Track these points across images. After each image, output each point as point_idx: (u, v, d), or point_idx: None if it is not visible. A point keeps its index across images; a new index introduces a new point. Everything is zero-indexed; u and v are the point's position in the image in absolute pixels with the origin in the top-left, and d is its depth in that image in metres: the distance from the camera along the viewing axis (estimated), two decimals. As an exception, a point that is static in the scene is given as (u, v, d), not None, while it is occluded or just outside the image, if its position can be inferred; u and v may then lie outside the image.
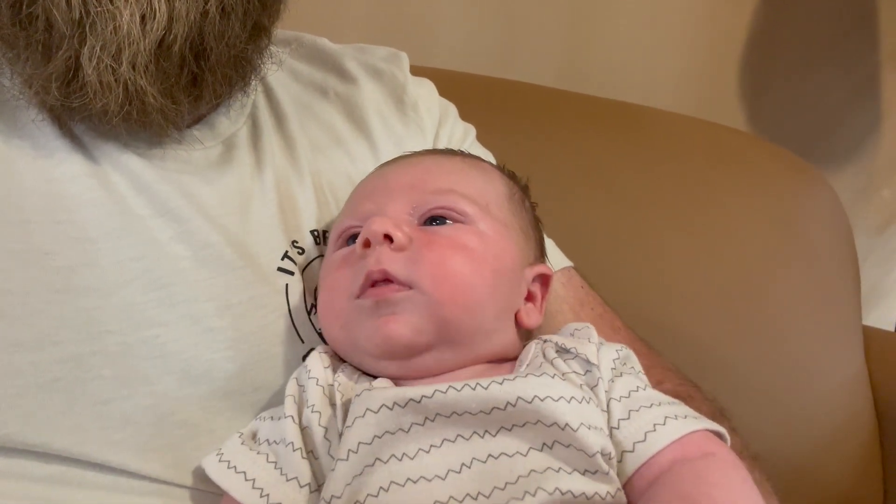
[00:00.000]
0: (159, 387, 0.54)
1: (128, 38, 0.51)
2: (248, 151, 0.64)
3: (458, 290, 0.52)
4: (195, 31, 0.53)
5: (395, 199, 0.56)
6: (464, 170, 0.60)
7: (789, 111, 1.44)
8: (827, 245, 1.02)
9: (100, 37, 0.51)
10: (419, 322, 0.52)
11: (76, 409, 0.52)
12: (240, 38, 0.56)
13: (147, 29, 0.51)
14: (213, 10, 0.53)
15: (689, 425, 0.49)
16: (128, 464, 0.52)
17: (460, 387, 0.48)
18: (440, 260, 0.53)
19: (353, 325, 0.53)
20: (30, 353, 0.52)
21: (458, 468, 0.46)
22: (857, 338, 0.99)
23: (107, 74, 0.51)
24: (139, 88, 0.52)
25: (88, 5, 0.50)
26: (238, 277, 0.57)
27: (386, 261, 0.52)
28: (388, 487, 0.46)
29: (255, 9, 0.57)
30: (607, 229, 0.96)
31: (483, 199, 0.57)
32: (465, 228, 0.55)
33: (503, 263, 0.56)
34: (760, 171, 1.04)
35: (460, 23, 1.20)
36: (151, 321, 0.54)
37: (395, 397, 0.48)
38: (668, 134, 1.05)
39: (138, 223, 0.56)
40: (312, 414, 0.50)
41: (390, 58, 0.75)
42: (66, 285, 0.53)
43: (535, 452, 0.47)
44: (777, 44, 1.40)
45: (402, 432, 0.47)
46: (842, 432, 0.95)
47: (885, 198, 1.56)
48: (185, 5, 0.52)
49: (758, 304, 0.96)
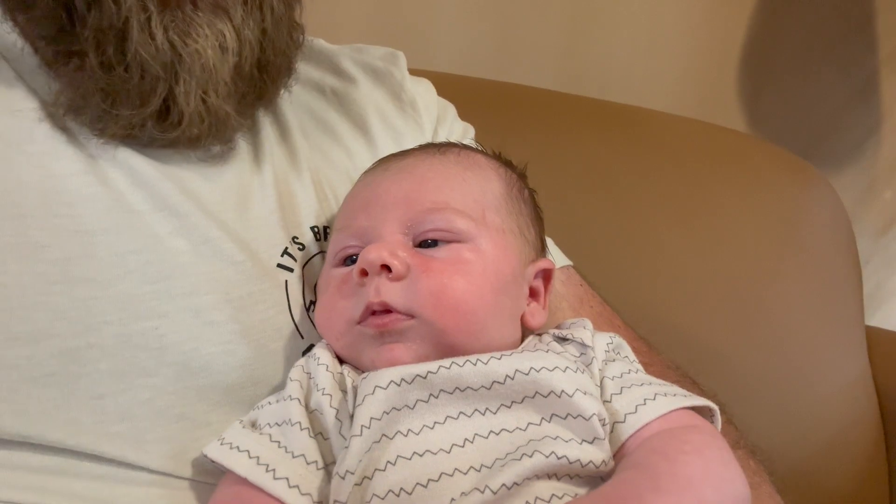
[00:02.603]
0: (157, 380, 0.53)
1: (214, 71, 0.56)
2: (247, 148, 0.64)
3: (460, 316, 0.53)
4: (258, 50, 0.58)
5: (389, 216, 0.56)
6: (458, 174, 0.59)
7: (789, 113, 1.45)
8: (829, 246, 1.02)
9: (191, 73, 0.55)
10: (423, 349, 0.53)
11: (71, 402, 0.52)
12: (287, 44, 0.61)
13: (225, 58, 0.56)
14: (270, 26, 0.58)
15: (677, 402, 0.51)
16: (125, 455, 0.52)
17: (462, 362, 0.50)
18: (439, 288, 0.53)
19: (356, 347, 0.54)
20: (25, 347, 0.52)
21: (461, 443, 0.48)
22: (860, 338, 0.99)
23: (200, 106, 0.56)
24: (224, 114, 0.57)
25: (175, 45, 0.54)
26: (238, 272, 0.57)
27: (385, 292, 0.53)
28: (396, 461, 0.47)
29: (290, 9, 0.61)
30: (608, 231, 0.96)
31: (479, 209, 0.57)
32: (461, 248, 0.55)
33: (503, 277, 0.56)
34: (762, 172, 1.04)
35: (458, 26, 1.21)
36: (150, 312, 0.54)
37: (403, 373, 0.50)
38: (669, 136, 1.05)
39: (137, 218, 0.56)
40: (323, 396, 0.51)
41: (388, 57, 0.75)
42: (62, 277, 0.53)
43: (533, 427, 0.49)
44: (776, 46, 1.40)
45: (408, 409, 0.49)
46: (846, 433, 0.95)
47: (887, 200, 1.56)
48: (250, 29, 0.57)
49: (760, 305, 0.96)
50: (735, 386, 0.89)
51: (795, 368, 0.95)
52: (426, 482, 0.47)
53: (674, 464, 0.46)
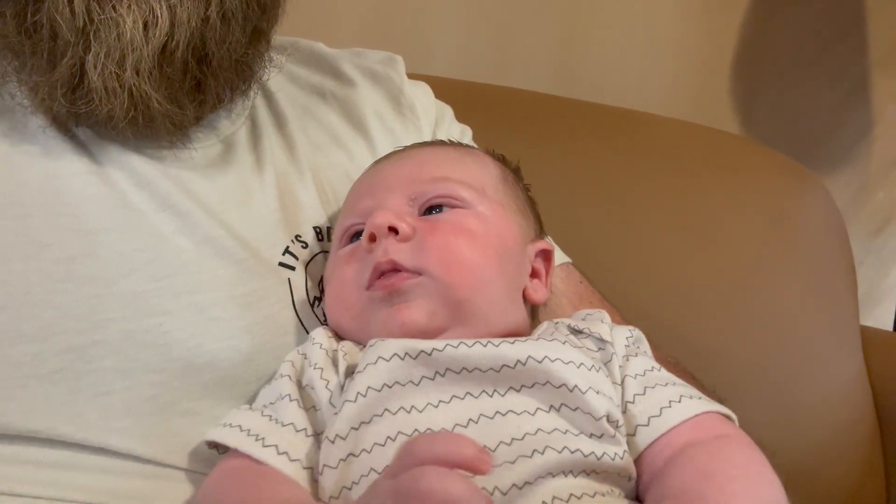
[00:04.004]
0: (163, 375, 0.54)
1: (131, 45, 0.52)
2: (247, 150, 0.64)
3: (466, 271, 0.54)
4: (197, 37, 0.55)
5: (394, 192, 0.57)
6: (456, 157, 0.61)
7: (782, 116, 1.45)
8: (823, 246, 1.03)
9: (104, 43, 0.52)
10: (432, 306, 0.53)
11: (78, 399, 0.52)
12: (240, 43, 0.57)
13: (150, 35, 0.53)
14: (214, 16, 0.55)
15: (703, 405, 0.50)
16: (132, 449, 0.52)
17: (471, 343, 0.50)
18: (445, 244, 0.54)
19: (365, 315, 0.54)
20: (31, 345, 0.52)
21: (465, 422, 0.47)
22: (856, 337, 1.00)
23: (111, 80, 0.53)
24: (144, 94, 0.54)
25: (92, 13, 0.52)
26: (242, 269, 0.58)
27: (393, 251, 0.54)
28: (396, 437, 0.47)
29: (255, 14, 0.58)
30: (603, 233, 0.96)
31: (478, 183, 0.58)
32: (464, 213, 0.57)
33: (506, 242, 0.57)
34: (756, 174, 1.05)
35: (454, 30, 1.21)
36: (154, 309, 0.54)
37: (407, 348, 0.49)
38: (664, 138, 1.06)
39: (140, 217, 0.57)
40: (314, 370, 0.52)
41: (386, 61, 0.76)
42: (67, 275, 0.54)
43: (542, 413, 0.48)
44: (769, 49, 1.41)
45: (412, 384, 0.49)
46: (843, 431, 0.95)
47: (880, 201, 1.57)
48: (187, 12, 0.54)
49: (755, 305, 0.96)
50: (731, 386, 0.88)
51: (791, 368, 0.95)
52: None
53: (723, 493, 0.44)
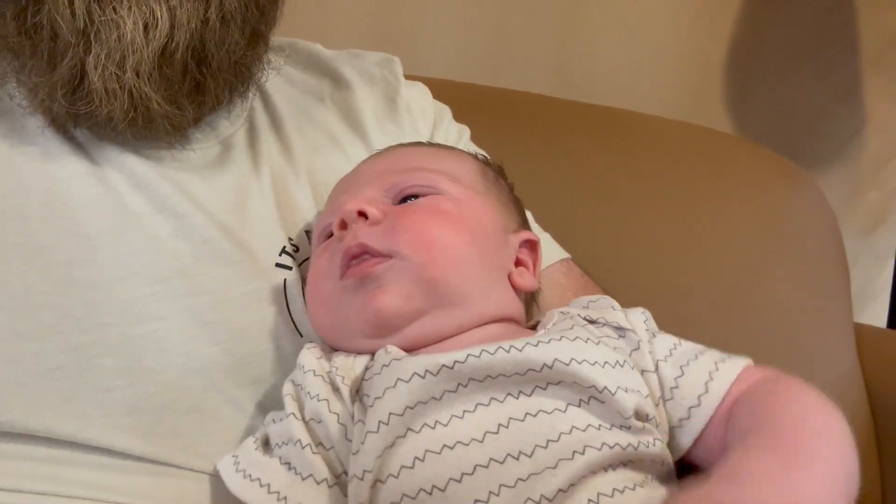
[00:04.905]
0: (162, 377, 0.54)
1: (131, 46, 0.53)
2: (245, 151, 0.65)
3: (437, 249, 0.52)
4: (196, 39, 0.55)
5: (368, 185, 0.57)
6: (432, 152, 0.61)
7: (774, 115, 1.46)
8: (816, 244, 1.03)
9: (104, 45, 0.53)
10: (406, 288, 0.51)
11: (79, 396, 0.52)
12: (239, 45, 0.58)
13: (150, 37, 0.53)
14: (214, 18, 0.55)
15: (738, 365, 0.50)
16: (134, 447, 0.52)
17: (493, 350, 0.47)
18: (415, 225, 0.53)
19: (340, 307, 0.53)
20: (32, 343, 0.52)
21: (495, 429, 0.45)
22: (849, 334, 1.00)
23: (112, 82, 0.53)
24: (144, 95, 0.54)
25: (93, 14, 0.52)
26: (237, 271, 0.58)
27: (362, 235, 0.53)
28: (424, 457, 0.44)
29: (254, 16, 0.59)
30: (598, 232, 0.96)
31: (455, 174, 0.58)
32: (439, 198, 0.55)
33: (482, 224, 0.56)
34: (749, 173, 1.05)
35: (450, 32, 1.22)
36: (150, 315, 0.55)
37: (428, 365, 0.47)
38: (657, 138, 1.06)
39: (137, 220, 0.57)
40: (319, 403, 0.49)
41: (384, 62, 0.76)
42: (66, 278, 0.54)
43: (573, 408, 0.46)
44: (761, 50, 1.42)
45: (434, 400, 0.46)
46: (837, 427, 0.96)
47: (872, 200, 1.57)
48: (187, 14, 0.54)
49: (750, 303, 0.96)
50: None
51: (786, 365, 0.93)
52: (460, 476, 0.43)
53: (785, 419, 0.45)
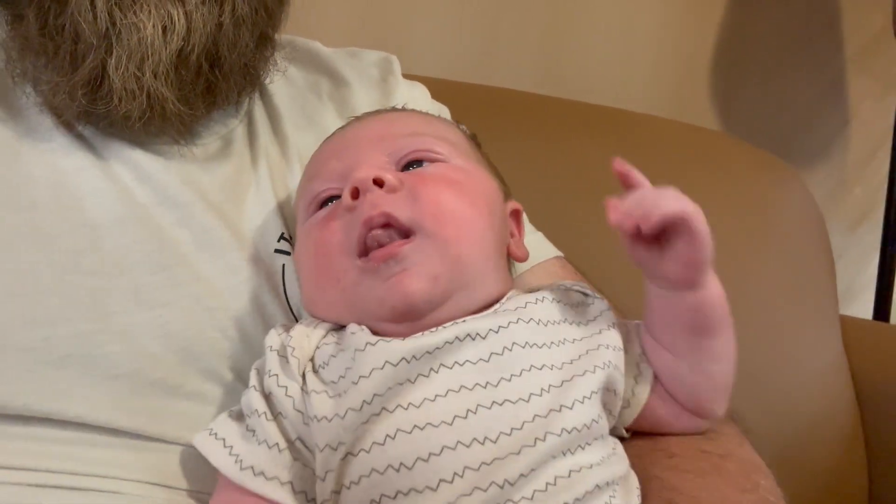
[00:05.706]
0: (166, 362, 0.56)
1: (151, 49, 0.54)
2: (244, 146, 0.66)
3: (462, 224, 0.52)
4: (211, 42, 0.57)
5: (368, 150, 0.55)
6: (423, 118, 0.61)
7: (759, 113, 1.47)
8: (802, 239, 1.05)
9: (125, 47, 0.54)
10: (433, 269, 0.50)
11: (88, 381, 0.54)
12: (249, 48, 0.60)
13: (168, 39, 0.55)
14: (228, 22, 0.57)
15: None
16: (143, 429, 0.54)
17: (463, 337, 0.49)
18: (437, 197, 0.52)
19: (358, 289, 0.51)
20: (42, 329, 0.54)
21: (464, 414, 0.47)
22: (835, 326, 1.01)
23: (131, 82, 0.55)
24: (160, 95, 0.56)
25: (114, 17, 0.54)
26: (236, 258, 0.59)
27: (383, 203, 0.51)
28: (395, 435, 0.46)
29: (263, 19, 0.60)
30: (587, 230, 0.97)
31: (452, 139, 0.58)
32: (446, 166, 0.55)
33: (490, 195, 0.56)
34: (736, 169, 1.06)
35: (441, 31, 1.22)
36: (154, 302, 0.56)
37: (414, 350, 0.49)
38: (645, 135, 1.07)
39: (141, 211, 0.58)
40: (270, 378, 0.50)
41: (382, 62, 0.76)
42: (74, 267, 0.55)
43: (535, 398, 0.48)
44: (746, 47, 1.44)
45: (409, 383, 0.48)
46: (824, 418, 0.97)
47: (858, 196, 1.59)
48: (202, 17, 0.56)
49: (737, 296, 0.95)
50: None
51: (773, 357, 0.97)
52: (427, 456, 0.46)
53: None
